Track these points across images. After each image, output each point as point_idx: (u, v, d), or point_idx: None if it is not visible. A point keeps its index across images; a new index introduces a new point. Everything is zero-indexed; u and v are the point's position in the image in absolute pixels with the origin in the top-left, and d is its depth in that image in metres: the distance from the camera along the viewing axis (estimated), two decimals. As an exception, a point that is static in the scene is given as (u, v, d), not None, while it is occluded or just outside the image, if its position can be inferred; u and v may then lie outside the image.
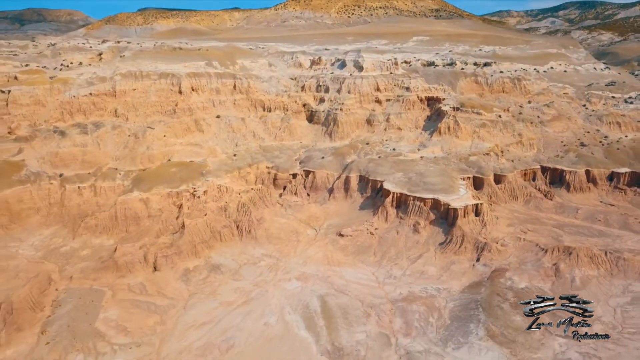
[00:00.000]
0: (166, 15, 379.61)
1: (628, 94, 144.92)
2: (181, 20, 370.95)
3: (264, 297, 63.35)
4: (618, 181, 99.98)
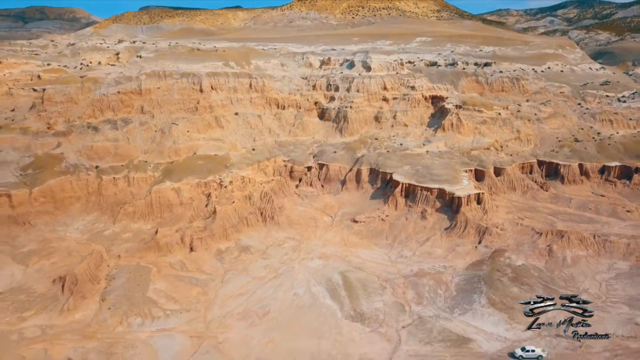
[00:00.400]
0: (171, 15, 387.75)
1: (621, 93, 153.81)
2: (186, 19, 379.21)
3: (290, 273, 72.11)
4: (609, 174, 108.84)
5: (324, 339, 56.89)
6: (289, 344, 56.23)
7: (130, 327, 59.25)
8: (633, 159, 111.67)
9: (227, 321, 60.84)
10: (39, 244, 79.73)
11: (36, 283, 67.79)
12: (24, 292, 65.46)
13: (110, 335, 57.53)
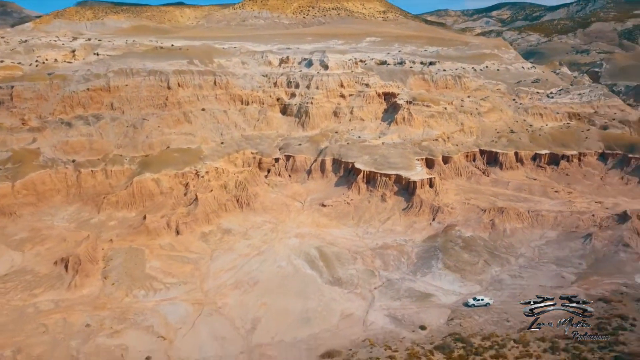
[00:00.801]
0: (116, 11, 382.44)
1: (549, 89, 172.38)
2: (132, 15, 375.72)
3: (272, 250, 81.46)
4: (540, 161, 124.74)
5: (309, 300, 66.82)
6: (280, 305, 65.75)
7: (136, 298, 66.79)
8: (560, 147, 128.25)
9: (222, 290, 69.53)
10: (29, 232, 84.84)
11: (37, 266, 73.65)
12: (29, 274, 71.31)
13: (119, 305, 64.89)
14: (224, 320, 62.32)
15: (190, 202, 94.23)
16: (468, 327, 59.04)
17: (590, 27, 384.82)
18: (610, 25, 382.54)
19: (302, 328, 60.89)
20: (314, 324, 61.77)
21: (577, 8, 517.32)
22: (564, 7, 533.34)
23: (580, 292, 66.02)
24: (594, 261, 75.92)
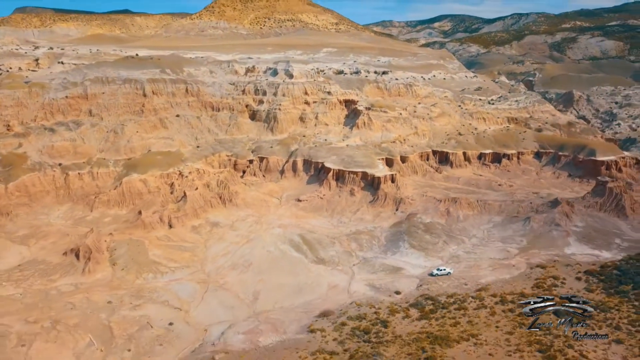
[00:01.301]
0: (65, 18, 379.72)
1: (490, 97, 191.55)
2: (81, 23, 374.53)
3: (259, 238, 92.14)
4: (485, 159, 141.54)
5: (299, 276, 78.16)
6: (275, 280, 76.70)
7: (146, 280, 75.87)
8: (501, 147, 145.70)
9: (222, 271, 79.68)
10: (29, 229, 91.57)
11: (47, 257, 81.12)
12: (41, 264, 78.77)
13: (133, 286, 73.84)
14: (229, 294, 72.64)
15: (178, 199, 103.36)
16: (434, 290, 72.14)
17: (524, 39, 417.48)
18: (542, 38, 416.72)
19: (296, 297, 72.15)
20: (306, 293, 73.18)
21: (512, 21, 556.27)
22: (500, 20, 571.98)
23: (521, 262, 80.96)
24: (532, 238, 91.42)
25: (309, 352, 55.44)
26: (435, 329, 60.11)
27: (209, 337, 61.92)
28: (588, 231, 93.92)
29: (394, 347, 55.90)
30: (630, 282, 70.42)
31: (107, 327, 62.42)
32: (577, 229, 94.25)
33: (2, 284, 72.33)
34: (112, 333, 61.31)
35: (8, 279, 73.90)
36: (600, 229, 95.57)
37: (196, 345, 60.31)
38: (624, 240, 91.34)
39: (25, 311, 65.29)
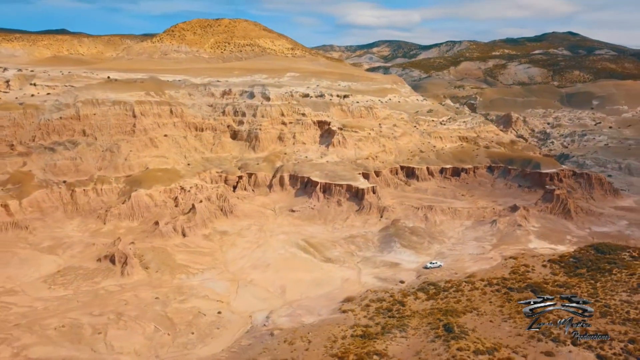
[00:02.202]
0: (9, 39, 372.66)
1: (441, 118, 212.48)
2: (27, 44, 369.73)
3: (268, 244, 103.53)
4: (446, 173, 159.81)
5: (314, 272, 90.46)
6: (294, 276, 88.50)
7: (181, 280, 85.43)
8: (459, 162, 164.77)
9: (245, 271, 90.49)
10: (52, 241, 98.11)
11: (82, 263, 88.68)
12: (79, 269, 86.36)
13: (172, 285, 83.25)
14: (259, 288, 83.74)
15: (186, 211, 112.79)
16: (432, 279, 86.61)
17: (460, 65, 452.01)
18: (476, 64, 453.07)
19: (317, 289, 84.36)
20: (324, 286, 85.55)
21: (447, 48, 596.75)
22: (436, 47, 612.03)
23: (496, 255, 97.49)
24: (500, 237, 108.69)
25: (348, 326, 67.89)
26: (442, 305, 74.35)
27: (255, 321, 72.97)
28: (544, 230, 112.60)
29: (414, 319, 69.43)
30: (584, 267, 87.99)
31: (165, 317, 71.91)
32: (535, 229, 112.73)
33: (51, 287, 79.65)
34: (172, 321, 70.94)
35: (54, 283, 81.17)
36: (553, 228, 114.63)
37: (247, 327, 71.18)
38: (573, 236, 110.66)
39: (85, 307, 73.47)
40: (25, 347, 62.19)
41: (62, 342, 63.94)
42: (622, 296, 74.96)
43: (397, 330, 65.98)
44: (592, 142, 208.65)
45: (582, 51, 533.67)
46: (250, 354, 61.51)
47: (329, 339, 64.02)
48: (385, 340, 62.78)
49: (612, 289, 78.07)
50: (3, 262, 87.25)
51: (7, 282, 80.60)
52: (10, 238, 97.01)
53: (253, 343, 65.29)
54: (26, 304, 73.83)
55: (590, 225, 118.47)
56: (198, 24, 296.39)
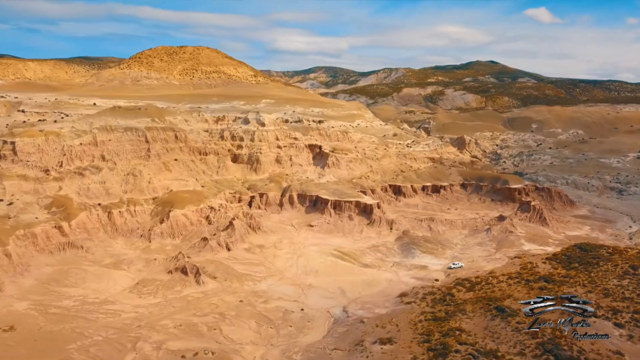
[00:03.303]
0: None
1: (406, 141, 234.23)
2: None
3: (306, 254, 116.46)
4: (427, 190, 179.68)
5: (360, 276, 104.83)
6: (344, 279, 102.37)
7: (250, 286, 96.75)
8: (436, 180, 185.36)
9: (300, 277, 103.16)
10: (111, 257, 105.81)
11: (155, 276, 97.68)
12: (156, 281, 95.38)
13: (245, 290, 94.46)
14: (322, 290, 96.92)
15: (221, 228, 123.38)
16: (461, 276, 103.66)
17: (402, 91, 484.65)
18: (416, 90, 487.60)
19: (369, 289, 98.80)
20: (374, 286, 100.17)
21: (384, 75, 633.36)
22: (374, 74, 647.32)
23: (502, 256, 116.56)
24: (497, 242, 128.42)
25: (418, 314, 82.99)
26: (483, 294, 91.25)
27: (335, 315, 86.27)
28: (529, 235, 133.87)
29: (468, 305, 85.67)
30: (576, 262, 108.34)
31: (260, 315, 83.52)
32: (522, 234, 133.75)
33: (142, 296, 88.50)
34: (268, 318, 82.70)
35: (141, 293, 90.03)
36: (536, 233, 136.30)
37: (331, 320, 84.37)
38: (554, 240, 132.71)
39: (185, 311, 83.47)
40: (160, 342, 71.88)
41: (189, 337, 74.14)
42: (614, 282, 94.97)
43: (460, 313, 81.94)
44: (539, 161, 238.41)
45: (506, 79, 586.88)
46: (354, 337, 75.04)
47: (410, 322, 78.84)
48: (455, 321, 78.46)
49: (604, 277, 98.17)
50: (80, 277, 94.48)
51: (97, 294, 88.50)
52: (70, 257, 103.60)
53: (349, 329, 78.77)
54: (131, 311, 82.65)
55: (564, 230, 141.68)
56: (164, 50, 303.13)
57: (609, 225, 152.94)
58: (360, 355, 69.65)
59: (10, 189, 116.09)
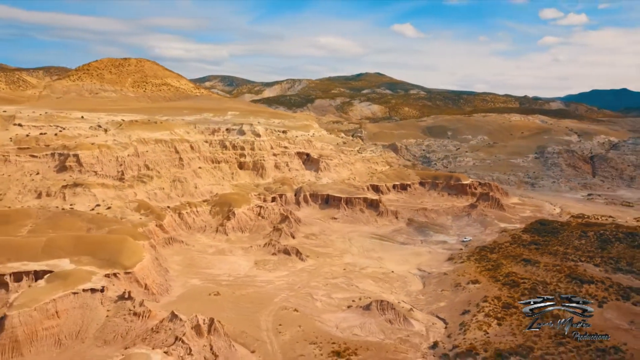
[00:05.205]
0: None
1: (355, 148, 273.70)
2: None
3: (353, 238, 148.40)
4: (397, 188, 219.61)
5: (405, 250, 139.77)
6: (398, 253, 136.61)
7: (339, 261, 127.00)
8: (401, 180, 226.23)
9: (366, 254, 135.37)
10: (211, 247, 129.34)
11: (264, 257, 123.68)
12: (268, 261, 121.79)
13: (338, 263, 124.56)
14: (389, 261, 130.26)
15: (279, 221, 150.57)
16: (476, 245, 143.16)
17: (315, 102, 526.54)
18: (327, 101, 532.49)
19: (420, 257, 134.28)
20: (421, 256, 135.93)
21: (288, 85, 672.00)
22: (278, 84, 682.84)
23: (492, 231, 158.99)
24: (479, 223, 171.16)
25: (475, 267, 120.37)
26: (506, 253, 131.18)
27: (416, 273, 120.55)
28: (498, 217, 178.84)
29: (501, 259, 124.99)
30: (544, 232, 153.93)
31: (369, 276, 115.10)
32: (493, 217, 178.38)
33: (271, 271, 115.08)
34: (377, 277, 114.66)
35: (265, 270, 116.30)
36: (501, 215, 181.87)
37: (417, 274, 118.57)
38: (515, 219, 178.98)
39: (314, 277, 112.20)
40: (327, 294, 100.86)
41: (341, 291, 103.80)
42: (576, 242, 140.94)
43: (503, 264, 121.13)
44: (463, 162, 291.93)
45: (400, 90, 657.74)
46: (450, 282, 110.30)
47: (475, 272, 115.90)
48: (505, 268, 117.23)
49: (568, 239, 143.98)
50: (207, 263, 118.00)
51: (234, 272, 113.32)
52: (179, 249, 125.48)
53: (440, 279, 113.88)
54: (276, 280, 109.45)
55: (517, 213, 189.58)
56: (110, 63, 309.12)
57: (539, 209, 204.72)
58: (462, 292, 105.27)
59: (99, 196, 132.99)
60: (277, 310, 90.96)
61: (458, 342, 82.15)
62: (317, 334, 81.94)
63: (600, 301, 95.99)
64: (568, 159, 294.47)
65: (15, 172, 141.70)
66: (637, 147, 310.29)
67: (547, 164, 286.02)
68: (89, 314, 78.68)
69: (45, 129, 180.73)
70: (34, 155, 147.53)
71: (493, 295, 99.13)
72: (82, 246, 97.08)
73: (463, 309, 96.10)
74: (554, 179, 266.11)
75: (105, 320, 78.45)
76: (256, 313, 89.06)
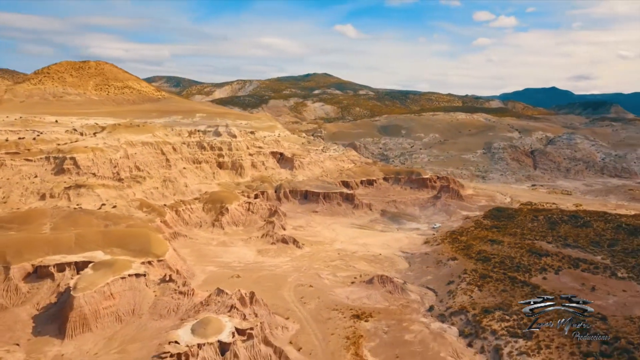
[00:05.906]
0: None
1: (319, 147, 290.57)
2: None
3: (337, 229, 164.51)
4: (364, 184, 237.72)
5: (386, 236, 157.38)
6: (379, 239, 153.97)
7: (330, 247, 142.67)
8: (367, 176, 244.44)
9: (352, 241, 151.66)
10: (213, 240, 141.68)
11: (264, 246, 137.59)
12: (269, 250, 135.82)
13: (331, 250, 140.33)
14: (374, 246, 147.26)
15: (268, 215, 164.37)
16: (446, 230, 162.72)
17: (269, 103, 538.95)
18: (282, 102, 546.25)
19: (399, 242, 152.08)
20: (400, 241, 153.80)
21: (239, 86, 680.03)
22: (228, 85, 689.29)
23: (458, 218, 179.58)
24: (444, 211, 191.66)
25: (450, 247, 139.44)
26: (475, 236, 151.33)
27: (400, 255, 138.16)
28: (459, 206, 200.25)
29: (471, 241, 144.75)
30: (502, 217, 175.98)
31: (362, 258, 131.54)
32: (455, 206, 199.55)
33: (274, 257, 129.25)
34: (368, 259, 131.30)
35: (269, 257, 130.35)
36: (462, 205, 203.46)
37: (401, 256, 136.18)
38: (474, 208, 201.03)
39: (315, 261, 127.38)
40: (331, 273, 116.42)
41: (342, 271, 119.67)
42: (529, 225, 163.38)
43: (473, 244, 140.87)
44: (419, 158, 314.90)
45: (349, 90, 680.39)
46: (432, 260, 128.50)
47: (451, 251, 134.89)
48: (475, 248, 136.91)
49: (522, 223, 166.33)
50: (214, 253, 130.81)
51: (242, 259, 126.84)
52: (184, 242, 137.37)
53: (422, 259, 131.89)
54: (282, 265, 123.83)
55: (474, 202, 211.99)
56: (69, 65, 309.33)
57: (492, 198, 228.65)
58: (444, 267, 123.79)
59: (103, 196, 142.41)
60: (294, 287, 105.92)
61: (450, 305, 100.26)
62: (335, 303, 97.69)
63: (557, 269, 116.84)
64: (512, 153, 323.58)
65: (13, 175, 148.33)
66: (570, 142, 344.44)
67: (495, 158, 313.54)
68: (139, 295, 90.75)
69: (22, 134, 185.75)
70: (28, 159, 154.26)
71: (470, 268, 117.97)
72: (110, 239, 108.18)
73: (448, 280, 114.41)
74: (501, 172, 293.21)
75: (155, 299, 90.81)
76: (278, 290, 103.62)
